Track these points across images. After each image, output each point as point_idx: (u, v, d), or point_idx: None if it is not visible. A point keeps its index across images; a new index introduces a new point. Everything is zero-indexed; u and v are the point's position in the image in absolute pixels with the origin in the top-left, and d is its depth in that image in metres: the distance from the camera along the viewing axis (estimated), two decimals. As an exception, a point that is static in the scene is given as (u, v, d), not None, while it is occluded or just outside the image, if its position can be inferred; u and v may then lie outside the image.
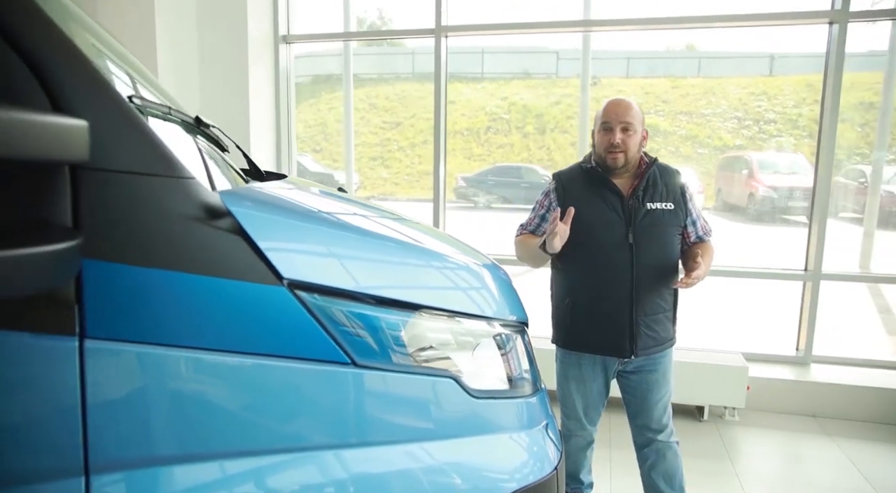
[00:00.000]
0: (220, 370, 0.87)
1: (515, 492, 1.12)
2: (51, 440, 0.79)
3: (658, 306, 2.05)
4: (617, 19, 3.84)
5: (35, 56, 0.75)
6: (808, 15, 3.40)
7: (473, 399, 1.11)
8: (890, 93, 6.16)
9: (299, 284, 0.92)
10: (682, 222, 2.07)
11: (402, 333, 1.03)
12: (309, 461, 0.94)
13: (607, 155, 2.00)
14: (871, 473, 2.80)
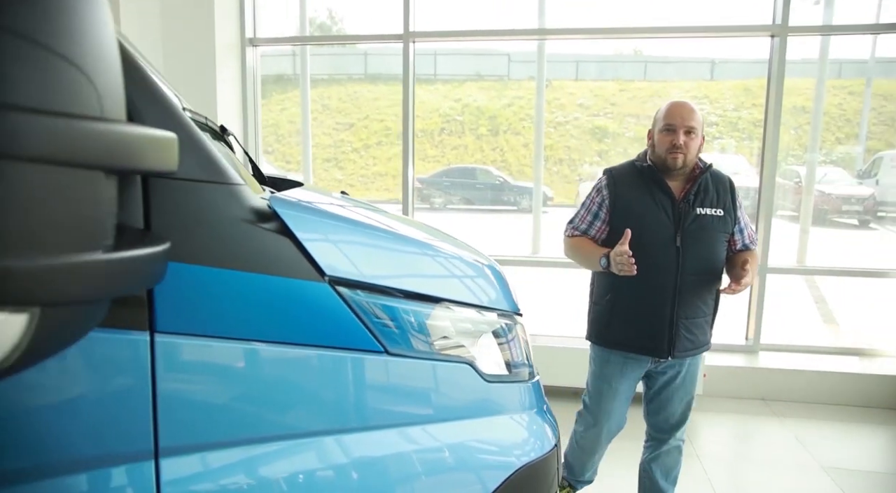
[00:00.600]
0: (271, 360, 0.97)
1: (523, 466, 1.25)
2: (124, 427, 0.87)
3: (699, 309, 2.06)
4: (576, 28, 4.06)
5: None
6: (752, 28, 3.70)
7: (486, 383, 1.23)
8: (821, 99, 6.64)
9: (339, 280, 1.02)
10: (729, 229, 2.08)
11: (426, 323, 1.14)
12: (346, 442, 1.04)
13: (668, 155, 2.01)
14: (816, 449, 3.09)
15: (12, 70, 0.48)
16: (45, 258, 0.50)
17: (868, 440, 3.26)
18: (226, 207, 0.93)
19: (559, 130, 14.55)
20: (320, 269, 1.00)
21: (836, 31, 4.02)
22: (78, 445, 0.85)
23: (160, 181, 0.86)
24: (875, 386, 3.58)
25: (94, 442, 0.86)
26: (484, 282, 1.32)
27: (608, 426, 2.23)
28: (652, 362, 2.12)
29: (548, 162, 13.82)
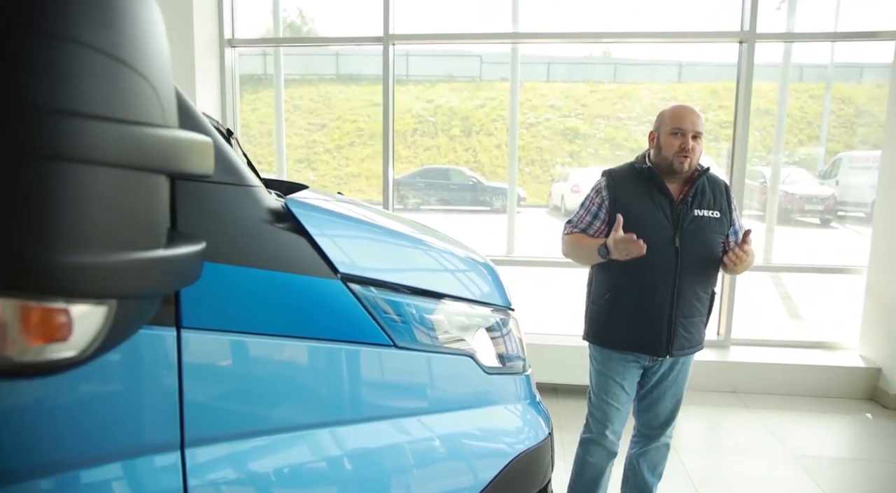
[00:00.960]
0: (290, 354, 1.02)
1: (521, 453, 1.32)
2: (153, 418, 0.91)
3: (696, 309, 2.11)
4: (553, 33, 4.17)
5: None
6: (722, 35, 3.86)
7: (486, 375, 1.30)
8: (784, 102, 6.88)
9: (351, 277, 1.08)
10: (725, 231, 2.13)
11: (431, 317, 1.20)
12: (360, 431, 1.10)
13: (675, 159, 2.04)
14: (784, 437, 3.24)
15: (87, 80, 0.53)
16: (121, 255, 0.55)
17: (832, 428, 3.44)
18: (245, 208, 0.98)
19: (531, 130, 14.73)
20: (333, 266, 1.05)
21: (801, 38, 4.22)
22: (110, 436, 0.89)
23: (184, 183, 0.91)
24: (838, 377, 3.77)
25: (125, 434, 0.89)
26: (481, 279, 1.39)
27: (614, 426, 2.20)
28: (649, 360, 2.15)
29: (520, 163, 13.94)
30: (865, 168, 11.64)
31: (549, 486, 1.45)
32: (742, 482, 2.82)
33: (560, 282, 2.82)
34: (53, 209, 0.51)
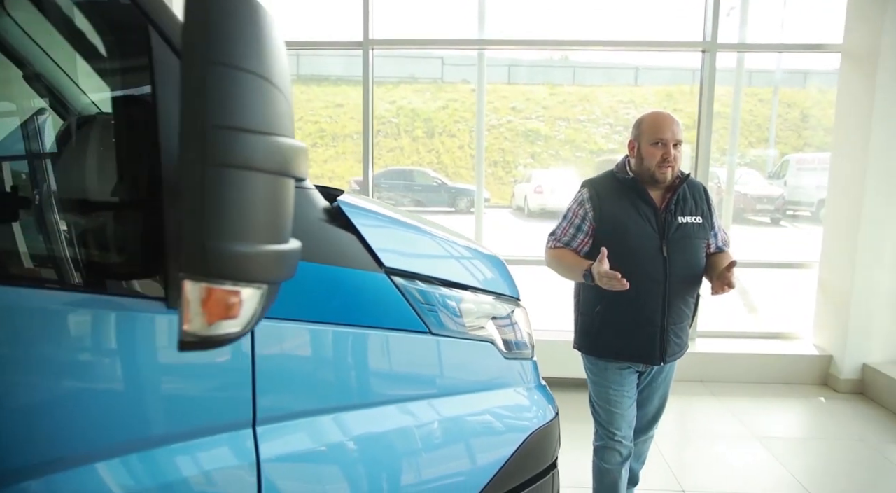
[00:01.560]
0: (345, 340, 1.14)
1: (536, 429, 1.47)
2: (229, 400, 1.01)
3: (684, 314, 2.13)
4: (523, 40, 4.37)
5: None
6: (685, 44, 4.12)
7: (504, 359, 1.44)
8: (738, 106, 7.27)
9: (393, 270, 1.20)
10: (708, 235, 2.15)
11: (458, 307, 1.34)
12: (401, 410, 1.22)
13: (658, 169, 2.04)
14: (748, 421, 3.50)
15: (247, 100, 0.64)
16: (272, 246, 0.67)
17: (791, 412, 3.74)
18: (306, 208, 1.10)
19: (493, 132, 14.96)
20: (379, 261, 1.18)
21: (758, 49, 4.54)
22: (196, 415, 0.99)
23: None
24: (794, 365, 4.07)
25: (205, 414, 0.99)
26: (497, 273, 1.53)
27: (625, 431, 2.18)
28: (643, 366, 2.17)
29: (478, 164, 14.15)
30: (811, 169, 12.34)
31: (556, 462, 1.60)
32: (713, 463, 3.04)
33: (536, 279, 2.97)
34: (226, 207, 0.62)
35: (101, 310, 0.90)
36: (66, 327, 0.87)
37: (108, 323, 0.89)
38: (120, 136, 0.89)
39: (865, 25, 3.72)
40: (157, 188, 0.86)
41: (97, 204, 0.91)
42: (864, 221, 3.76)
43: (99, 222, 0.93)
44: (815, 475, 2.95)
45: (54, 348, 0.86)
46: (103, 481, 0.89)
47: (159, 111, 0.87)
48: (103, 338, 0.90)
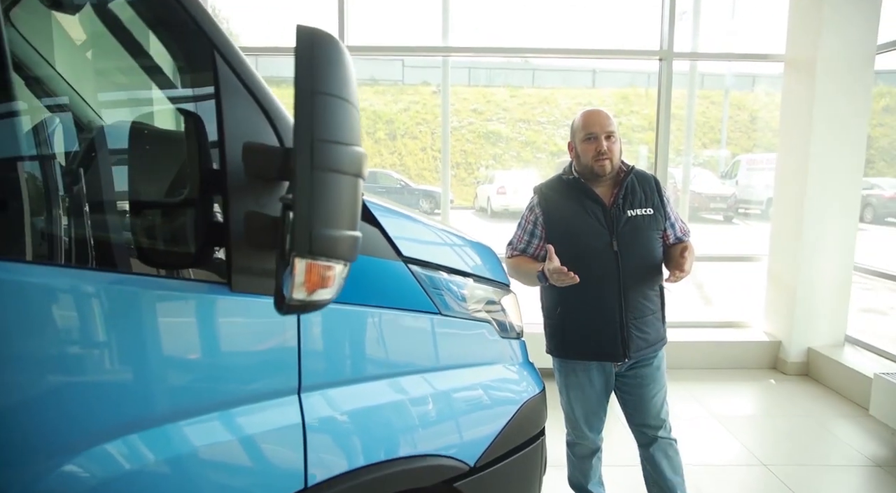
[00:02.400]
0: (374, 319, 1.33)
1: (528, 400, 1.69)
2: (279, 369, 1.19)
3: (646, 308, 2.15)
4: (487, 47, 4.61)
5: (263, 105, 1.15)
6: (643, 53, 4.44)
7: (500, 338, 1.66)
8: (692, 109, 7.70)
9: (409, 259, 1.40)
10: (661, 226, 2.16)
11: (461, 292, 1.55)
12: (420, 379, 1.42)
13: (595, 163, 2.09)
14: (706, 403, 3.82)
15: (337, 119, 0.84)
16: (353, 233, 0.87)
17: (745, 393, 4.10)
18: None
19: (455, 134, 15.22)
20: (398, 251, 1.38)
21: (713, 57, 4.91)
22: (255, 382, 1.16)
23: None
24: (747, 351, 4.44)
25: (262, 377, 1.18)
26: (491, 263, 1.75)
27: (591, 433, 2.28)
28: (614, 365, 2.20)
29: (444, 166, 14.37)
30: (761, 169, 13.06)
31: (544, 430, 1.82)
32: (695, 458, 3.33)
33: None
34: (325, 201, 0.82)
35: (183, 293, 1.07)
36: (152, 309, 1.04)
37: (189, 305, 1.07)
38: (190, 146, 1.07)
39: (805, 37, 4.11)
40: (224, 193, 1.05)
41: (180, 206, 1.09)
42: (806, 217, 4.15)
43: (181, 223, 1.10)
44: (766, 447, 3.28)
45: (145, 327, 1.03)
46: (186, 438, 1.07)
47: (225, 123, 1.05)
48: (185, 318, 1.08)
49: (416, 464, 1.37)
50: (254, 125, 1.09)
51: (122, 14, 1.18)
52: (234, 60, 1.07)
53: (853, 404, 3.79)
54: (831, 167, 4.08)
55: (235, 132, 1.06)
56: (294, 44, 0.84)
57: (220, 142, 1.05)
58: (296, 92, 0.82)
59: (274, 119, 1.12)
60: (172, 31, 1.08)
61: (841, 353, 4.13)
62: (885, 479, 2.96)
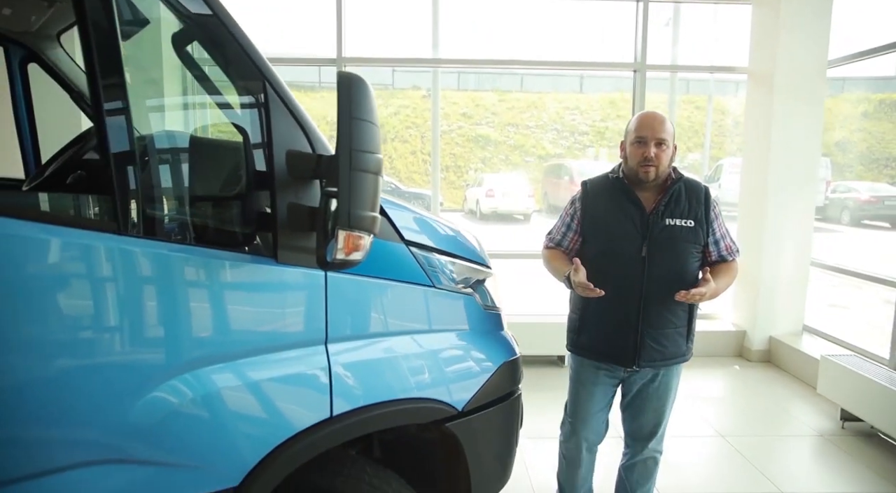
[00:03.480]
0: (383, 288, 1.72)
1: (506, 361, 2.08)
2: (312, 323, 1.58)
3: (667, 320, 2.13)
4: (473, 59, 5.04)
5: (300, 121, 1.53)
6: (619, 65, 4.87)
7: (483, 310, 2.05)
8: (673, 114, 8.14)
9: (409, 242, 1.79)
10: (701, 241, 2.12)
11: (451, 270, 1.94)
12: (412, 339, 1.81)
13: (640, 168, 2.09)
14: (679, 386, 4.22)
15: (369, 136, 1.24)
16: (376, 213, 1.26)
17: (713, 378, 4.55)
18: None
19: (444, 137, 15.64)
20: (401, 235, 1.76)
21: (683, 69, 5.37)
22: (289, 333, 1.55)
23: (327, 185, 1.59)
24: (716, 340, 4.88)
25: (294, 332, 1.56)
26: (474, 247, 2.14)
27: (585, 432, 2.33)
28: (624, 370, 2.21)
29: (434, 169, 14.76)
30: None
31: (519, 390, 2.20)
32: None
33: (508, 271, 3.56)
34: (359, 192, 1.21)
35: (243, 264, 1.45)
36: (223, 274, 1.43)
37: (247, 272, 1.45)
38: (248, 154, 1.45)
39: (764, 52, 4.56)
40: (272, 189, 1.43)
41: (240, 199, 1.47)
42: (768, 217, 4.59)
43: (242, 212, 1.48)
44: (730, 424, 3.73)
45: (217, 288, 1.41)
46: (245, 373, 1.45)
47: (273, 136, 1.44)
48: (245, 282, 1.46)
49: (416, 405, 1.76)
50: (293, 137, 1.48)
51: (197, 54, 1.56)
52: (279, 88, 1.46)
53: (806, 385, 4.23)
54: (789, 172, 4.53)
55: (280, 142, 1.45)
56: (336, 83, 1.24)
57: (269, 150, 1.44)
58: (339, 117, 1.21)
59: (307, 132, 1.51)
60: (234, 66, 1.46)
61: (799, 341, 4.57)
62: (826, 447, 3.39)
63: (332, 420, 1.58)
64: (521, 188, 12.83)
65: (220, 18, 1.38)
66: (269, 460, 1.48)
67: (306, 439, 1.53)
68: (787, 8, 4.34)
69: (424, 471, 1.97)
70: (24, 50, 2.48)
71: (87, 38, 1.22)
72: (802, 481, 3.04)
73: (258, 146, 1.48)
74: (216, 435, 1.43)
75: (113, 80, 1.26)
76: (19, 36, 2.42)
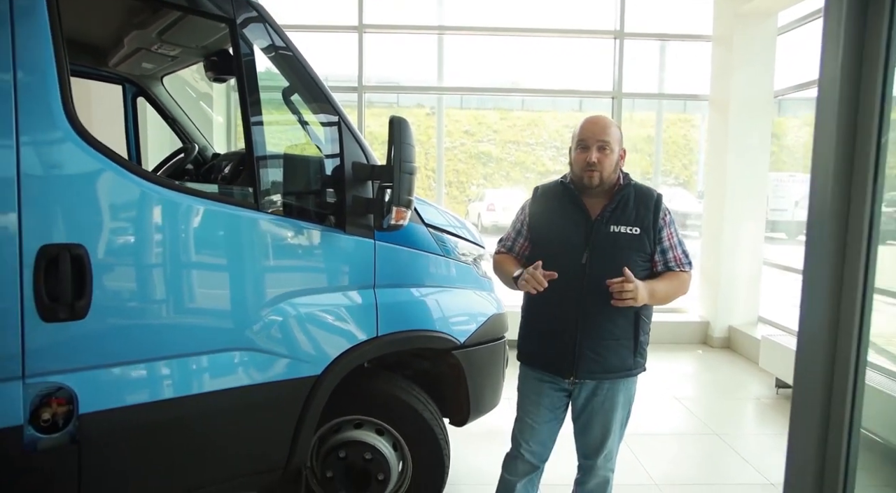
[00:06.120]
0: (412, 255, 2.64)
1: (495, 313, 2.99)
2: (366, 273, 2.49)
3: (607, 331, 2.09)
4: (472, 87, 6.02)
5: (360, 144, 2.46)
6: (599, 93, 5.85)
7: (478, 276, 2.97)
8: (660, 134, 9.09)
9: (427, 224, 2.72)
10: (647, 249, 2.09)
11: (457, 245, 2.86)
12: (432, 290, 2.73)
13: (584, 174, 2.09)
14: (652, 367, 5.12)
15: (413, 154, 2.18)
16: (413, 198, 2.20)
17: (679, 361, 5.48)
18: (392, 194, 2.61)
19: (447, 154, 16.60)
20: (423, 219, 2.69)
21: (651, 96, 6.33)
22: (353, 278, 2.46)
23: (376, 184, 2.52)
24: (683, 329, 5.83)
25: (355, 278, 2.47)
26: (472, 232, 3.07)
27: (527, 445, 2.28)
28: (568, 382, 2.19)
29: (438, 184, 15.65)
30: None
31: (505, 337, 3.10)
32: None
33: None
34: (404, 186, 2.16)
35: (326, 232, 2.37)
36: (315, 239, 2.34)
37: (328, 238, 2.37)
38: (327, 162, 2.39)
39: (720, 82, 5.54)
40: (343, 186, 2.35)
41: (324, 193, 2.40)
42: (725, 223, 5.54)
43: (326, 201, 2.40)
44: (694, 398, 4.65)
45: (313, 248, 2.33)
46: (324, 303, 2.37)
47: (344, 152, 2.37)
48: (327, 245, 2.38)
49: (430, 334, 2.67)
50: (356, 153, 2.42)
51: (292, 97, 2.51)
52: (348, 123, 2.39)
53: (754, 364, 5.13)
54: (742, 186, 5.48)
55: (349, 157, 2.38)
56: (389, 123, 2.18)
57: (342, 162, 2.37)
58: (392, 142, 2.15)
59: (364, 150, 2.45)
60: (321, 109, 2.40)
61: (754, 329, 5.48)
62: (761, 407, 4.30)
63: (378, 338, 2.50)
64: (520, 203, 13.67)
65: (314, 81, 2.33)
66: (339, 360, 2.39)
67: (361, 348, 2.45)
68: (739, 44, 5.32)
69: (437, 395, 2.84)
70: (136, 88, 3.43)
71: (243, 91, 2.16)
72: (739, 431, 3.95)
73: (334, 157, 2.41)
74: (308, 340, 2.34)
75: (256, 117, 2.20)
76: (135, 78, 3.38)
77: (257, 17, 2.19)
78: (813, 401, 1.46)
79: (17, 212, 1.71)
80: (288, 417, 2.28)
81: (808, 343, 1.49)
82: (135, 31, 2.69)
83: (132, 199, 1.92)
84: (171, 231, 2.03)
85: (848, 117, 1.27)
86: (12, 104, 1.71)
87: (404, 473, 2.63)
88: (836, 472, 1.43)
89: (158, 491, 2.09)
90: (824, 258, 1.35)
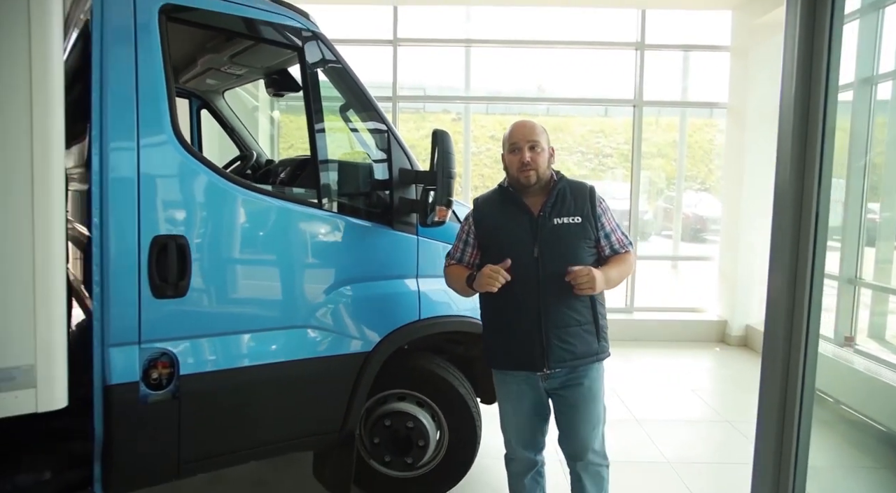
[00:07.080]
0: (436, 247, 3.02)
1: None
2: (410, 264, 2.89)
3: (570, 318, 2.20)
4: (498, 96, 6.41)
5: (405, 151, 2.86)
6: (620, 101, 6.20)
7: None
8: (684, 140, 9.37)
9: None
10: (591, 236, 2.24)
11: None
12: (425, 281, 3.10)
13: (520, 174, 2.25)
14: (672, 364, 5.48)
15: (451, 161, 2.59)
16: (453, 198, 2.60)
17: (698, 358, 5.80)
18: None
19: (473, 159, 16.91)
20: (458, 218, 3.07)
21: (675, 105, 6.66)
22: (399, 268, 2.86)
23: (418, 187, 2.92)
24: (702, 328, 6.15)
25: (401, 268, 2.87)
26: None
27: (524, 452, 2.39)
28: (541, 378, 2.28)
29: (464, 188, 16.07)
30: (757, 194, 14.53)
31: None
32: (648, 391, 4.96)
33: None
34: (448, 187, 2.58)
35: (377, 228, 2.78)
36: (367, 234, 2.75)
37: (379, 233, 2.78)
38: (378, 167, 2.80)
39: (738, 91, 5.85)
40: (391, 189, 2.76)
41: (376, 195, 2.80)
42: (742, 228, 5.85)
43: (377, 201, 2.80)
44: (712, 392, 4.99)
45: (367, 241, 2.74)
46: (381, 287, 2.78)
47: (392, 160, 2.77)
48: (377, 239, 2.78)
49: (466, 319, 3.04)
50: (402, 160, 2.82)
51: (349, 115, 2.92)
52: (395, 133, 2.80)
53: (771, 360, 5.41)
54: (758, 192, 5.76)
55: (395, 163, 2.79)
56: (432, 135, 2.59)
57: (390, 168, 2.77)
58: (439, 151, 2.55)
59: (409, 157, 2.85)
60: (372, 120, 2.81)
61: (770, 328, 5.76)
62: (772, 397, 4.59)
63: (419, 321, 2.89)
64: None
65: (366, 97, 2.74)
66: (388, 338, 2.79)
67: (405, 329, 2.85)
68: (755, 55, 5.63)
69: (470, 376, 3.20)
70: (200, 101, 3.88)
71: (309, 107, 2.58)
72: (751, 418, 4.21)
73: (383, 163, 2.82)
74: (362, 321, 2.74)
75: (320, 129, 2.62)
76: (201, 92, 3.83)
77: (321, 45, 2.61)
78: (775, 366, 1.85)
79: (137, 207, 2.14)
80: (343, 387, 2.68)
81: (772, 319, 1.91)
82: (209, 54, 3.13)
83: (222, 198, 2.34)
84: (250, 225, 2.45)
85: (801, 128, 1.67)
86: (134, 114, 2.13)
87: (441, 441, 3.01)
88: (791, 426, 1.82)
89: (238, 443, 2.51)
90: (784, 248, 1.75)
